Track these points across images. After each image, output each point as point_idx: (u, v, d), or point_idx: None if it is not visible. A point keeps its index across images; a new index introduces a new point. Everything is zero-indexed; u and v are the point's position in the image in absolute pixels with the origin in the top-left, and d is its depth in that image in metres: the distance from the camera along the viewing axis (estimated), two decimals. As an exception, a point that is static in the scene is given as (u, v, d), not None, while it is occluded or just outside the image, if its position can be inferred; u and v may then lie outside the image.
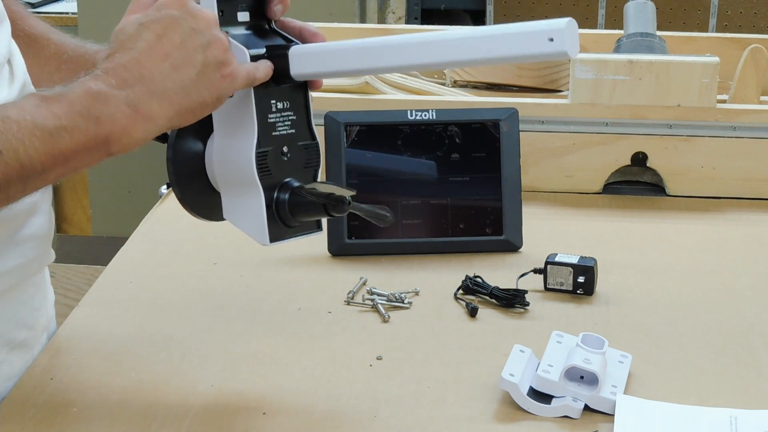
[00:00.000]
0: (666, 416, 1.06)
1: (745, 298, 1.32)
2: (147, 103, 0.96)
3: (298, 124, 1.08)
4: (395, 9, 3.63)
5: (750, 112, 1.59)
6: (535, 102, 1.61)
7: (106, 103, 0.94)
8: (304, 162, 1.09)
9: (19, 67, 1.13)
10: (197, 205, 1.10)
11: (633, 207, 1.59)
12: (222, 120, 1.06)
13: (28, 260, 1.14)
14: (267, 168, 1.05)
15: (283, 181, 1.07)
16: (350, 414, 1.07)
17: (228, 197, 1.08)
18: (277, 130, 1.07)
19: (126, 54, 0.96)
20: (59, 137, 0.93)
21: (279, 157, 1.07)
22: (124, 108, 0.95)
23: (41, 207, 1.16)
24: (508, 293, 1.29)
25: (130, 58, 0.96)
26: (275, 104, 1.07)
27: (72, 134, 0.93)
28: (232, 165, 1.06)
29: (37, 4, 3.45)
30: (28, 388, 1.10)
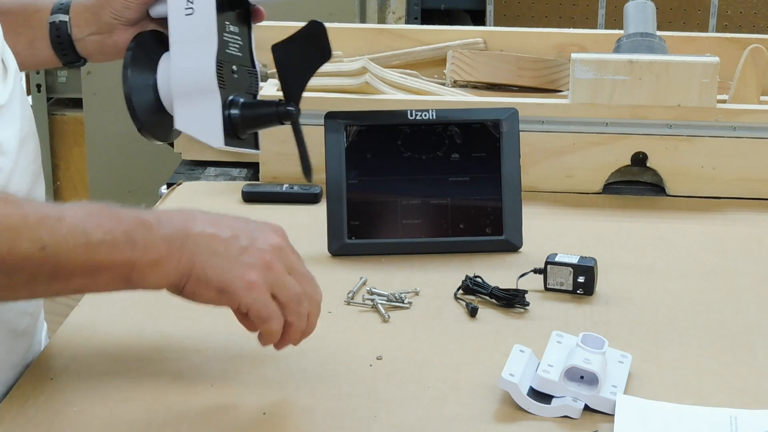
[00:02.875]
0: (666, 416, 1.06)
1: (745, 298, 1.32)
2: (179, 252, 1.00)
3: (243, 51, 1.17)
4: (395, 9, 3.63)
5: (750, 112, 1.59)
6: (535, 102, 1.61)
7: (149, 232, 0.99)
8: (247, 86, 1.17)
9: (10, 60, 1.14)
10: (156, 131, 1.17)
11: (633, 207, 1.59)
12: (180, 34, 1.12)
13: None
14: (222, 78, 1.12)
15: (231, 97, 1.14)
16: (350, 414, 1.07)
17: (182, 107, 1.13)
18: (229, 48, 1.14)
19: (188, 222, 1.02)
20: (98, 249, 0.97)
21: (230, 73, 1.14)
22: (161, 245, 0.99)
23: (35, 196, 1.17)
24: (508, 293, 1.29)
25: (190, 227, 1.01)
26: (228, 26, 1.15)
27: (109, 249, 0.98)
28: (190, 74, 1.12)
29: (37, 4, 3.45)
30: (28, 388, 1.10)
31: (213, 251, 1.01)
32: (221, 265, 1.01)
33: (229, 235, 1.02)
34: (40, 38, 1.26)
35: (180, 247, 1.00)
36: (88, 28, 1.25)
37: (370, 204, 1.42)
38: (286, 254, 1.05)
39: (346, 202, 1.41)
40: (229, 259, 1.01)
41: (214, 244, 1.01)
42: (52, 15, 1.26)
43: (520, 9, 3.68)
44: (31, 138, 1.17)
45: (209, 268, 1.00)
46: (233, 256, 1.01)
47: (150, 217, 1.00)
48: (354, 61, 1.70)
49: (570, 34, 1.86)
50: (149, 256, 0.99)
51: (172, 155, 1.76)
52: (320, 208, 1.49)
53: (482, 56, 1.81)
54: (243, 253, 1.01)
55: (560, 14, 3.64)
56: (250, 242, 1.02)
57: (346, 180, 1.42)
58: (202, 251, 1.00)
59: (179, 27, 1.12)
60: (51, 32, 1.26)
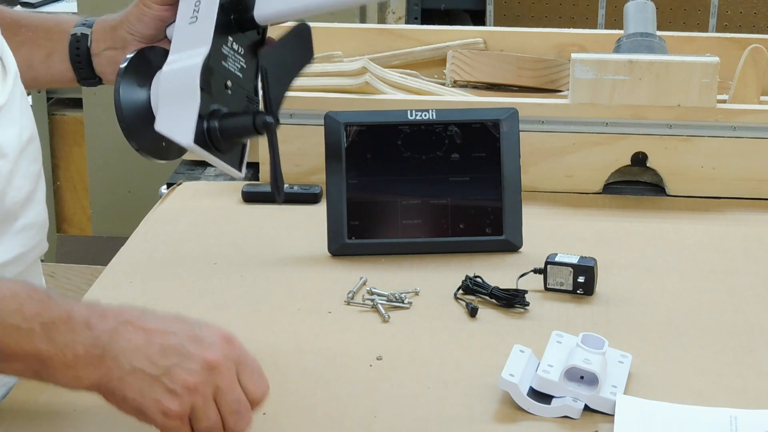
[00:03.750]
0: (666, 416, 1.06)
1: (745, 298, 1.32)
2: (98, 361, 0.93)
3: (246, 74, 1.13)
4: (395, 9, 3.63)
5: (750, 112, 1.59)
6: (535, 102, 1.61)
7: (71, 331, 0.93)
8: (243, 108, 1.13)
9: (9, 61, 1.14)
10: (154, 150, 1.13)
11: (633, 207, 1.59)
12: (180, 41, 1.10)
13: (28, 249, 1.16)
14: (209, 84, 1.08)
15: (215, 107, 1.09)
16: (350, 414, 1.07)
17: (164, 107, 1.09)
18: (227, 62, 1.11)
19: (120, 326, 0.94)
20: (10, 335, 0.92)
21: (222, 85, 1.10)
22: (79, 348, 0.93)
23: (36, 197, 1.17)
24: (508, 293, 1.29)
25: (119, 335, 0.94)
26: (232, 43, 1.11)
27: (20, 338, 0.92)
28: (177, 74, 1.08)
29: (37, 4, 3.45)
30: (28, 388, 1.10)
31: (133, 368, 0.93)
32: (138, 387, 0.93)
33: (157, 350, 0.93)
34: (59, 51, 1.25)
35: (99, 356, 0.93)
36: (105, 43, 1.24)
37: (370, 204, 1.42)
38: (220, 374, 0.94)
39: (346, 202, 1.41)
40: (149, 381, 0.93)
41: (138, 359, 0.93)
42: (74, 28, 1.25)
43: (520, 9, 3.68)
44: (33, 140, 1.17)
45: (127, 387, 0.93)
46: (154, 376, 0.93)
47: (81, 314, 0.93)
48: (354, 61, 1.70)
49: (570, 34, 1.86)
50: (63, 356, 0.92)
51: (172, 155, 1.76)
52: (320, 208, 1.49)
53: (482, 56, 1.81)
54: (166, 374, 0.93)
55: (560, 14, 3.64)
56: (178, 360, 0.93)
57: (346, 180, 1.42)
58: (121, 365, 0.93)
59: (180, 34, 1.10)
60: (71, 44, 1.25)
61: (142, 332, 0.94)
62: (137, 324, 0.94)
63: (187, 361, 0.93)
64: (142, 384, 0.93)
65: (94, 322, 0.93)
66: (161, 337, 0.94)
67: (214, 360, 0.94)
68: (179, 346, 0.94)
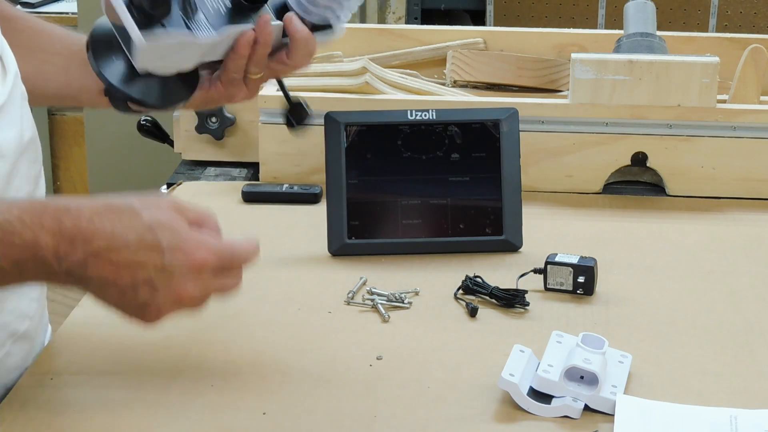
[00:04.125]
0: (666, 416, 1.06)
1: (745, 298, 1.32)
2: (75, 284, 0.96)
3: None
4: (395, 9, 3.63)
5: (750, 112, 1.59)
6: (535, 102, 1.61)
7: (41, 267, 0.94)
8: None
9: (9, 61, 1.14)
10: (142, 93, 1.10)
11: (633, 207, 1.59)
12: None
13: None
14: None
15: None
16: (350, 414, 1.07)
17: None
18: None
19: (98, 239, 0.94)
20: None
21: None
22: (53, 281, 0.96)
23: (36, 197, 1.16)
24: (508, 293, 1.29)
25: (94, 244, 0.94)
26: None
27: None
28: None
29: (37, 4, 3.45)
30: (28, 388, 1.10)
31: (107, 299, 0.96)
32: (118, 311, 0.97)
33: (128, 286, 0.94)
34: (76, 62, 1.22)
35: (74, 283, 0.96)
36: None
37: (370, 204, 1.42)
38: (192, 302, 0.98)
39: (346, 202, 1.41)
40: (125, 313, 0.97)
41: (110, 294, 0.95)
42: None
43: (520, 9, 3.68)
44: (33, 141, 1.16)
45: (107, 305, 0.97)
46: (129, 310, 0.96)
47: (48, 245, 0.93)
48: (354, 61, 1.70)
49: (570, 34, 1.86)
50: (39, 283, 0.99)
51: (172, 155, 1.76)
52: (320, 208, 1.49)
53: (482, 56, 1.81)
54: (139, 310, 0.96)
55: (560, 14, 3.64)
56: (150, 296, 0.95)
57: (346, 180, 1.42)
58: (96, 293, 0.96)
59: None
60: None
61: (111, 267, 0.94)
62: (105, 257, 0.94)
63: (158, 296, 0.95)
64: (119, 311, 0.96)
65: (63, 251, 0.93)
66: (130, 273, 0.94)
67: (184, 294, 0.96)
68: (149, 280, 0.94)
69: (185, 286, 0.96)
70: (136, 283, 0.94)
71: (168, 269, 0.95)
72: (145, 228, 0.94)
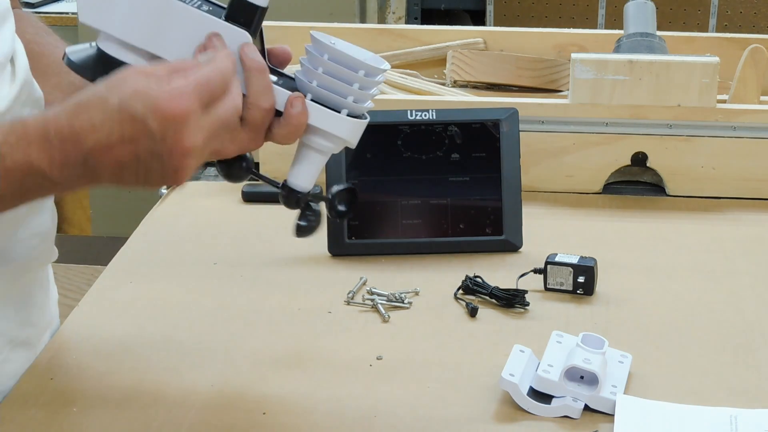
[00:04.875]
0: (666, 416, 1.06)
1: (745, 298, 1.32)
2: (78, 184, 0.94)
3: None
4: (395, 9, 3.63)
5: (750, 112, 1.59)
6: (535, 102, 1.61)
7: (41, 180, 0.93)
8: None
9: (21, 66, 1.12)
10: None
11: (633, 207, 1.59)
12: None
13: (31, 258, 1.14)
14: None
15: None
16: (350, 414, 1.07)
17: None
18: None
19: (85, 136, 0.92)
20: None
21: None
22: (58, 190, 0.95)
23: (43, 204, 1.16)
24: (508, 293, 1.29)
25: (86, 143, 0.92)
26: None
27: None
28: None
29: (37, 4, 3.45)
30: (28, 388, 1.10)
31: (125, 180, 0.93)
32: (142, 187, 0.95)
33: (132, 161, 0.92)
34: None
35: (85, 183, 0.94)
36: None
37: (370, 204, 1.42)
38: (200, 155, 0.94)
39: (346, 202, 1.41)
40: (148, 183, 0.94)
41: (123, 176, 0.93)
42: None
43: (520, 9, 3.69)
44: None
45: (129, 188, 0.95)
46: (151, 179, 0.93)
47: (42, 160, 0.91)
48: (354, 61, 1.70)
49: (570, 34, 1.86)
50: (41, 195, 0.97)
51: (172, 155, 1.76)
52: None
53: (482, 56, 1.81)
54: (161, 177, 0.93)
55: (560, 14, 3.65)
56: (158, 163, 0.92)
57: (346, 180, 1.42)
58: (111, 181, 0.94)
59: None
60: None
61: (109, 154, 0.91)
62: (99, 149, 0.91)
63: (165, 160, 0.92)
64: (142, 187, 0.94)
65: (59, 160, 0.91)
66: (129, 151, 0.91)
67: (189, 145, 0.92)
68: (148, 150, 0.91)
69: (184, 139, 0.91)
70: (138, 157, 0.91)
71: (157, 133, 0.91)
72: (117, 109, 0.91)
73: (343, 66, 1.01)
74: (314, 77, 1.01)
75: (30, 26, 1.21)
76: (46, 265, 1.21)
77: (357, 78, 1.01)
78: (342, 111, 1.02)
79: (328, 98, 1.02)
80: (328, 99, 1.02)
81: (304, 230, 1.09)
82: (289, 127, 1.00)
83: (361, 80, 1.01)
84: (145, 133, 0.91)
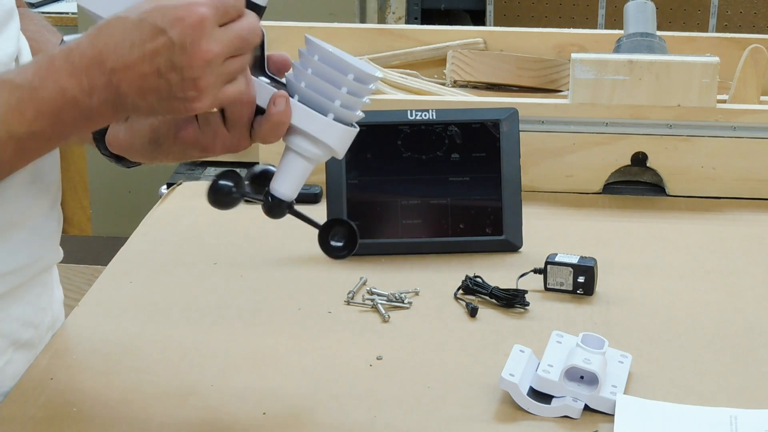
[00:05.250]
0: (666, 416, 1.06)
1: (745, 298, 1.32)
2: (107, 112, 0.95)
3: None
4: (395, 9, 3.63)
5: (750, 112, 1.59)
6: (535, 102, 1.61)
7: (75, 108, 0.94)
8: None
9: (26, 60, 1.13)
10: None
11: (633, 207, 1.59)
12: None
13: (35, 259, 1.14)
14: None
15: None
16: (350, 414, 1.07)
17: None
18: None
19: (108, 56, 0.93)
20: (28, 141, 0.95)
21: None
22: (86, 120, 0.95)
23: (49, 205, 1.16)
24: (508, 293, 1.29)
25: (108, 63, 0.93)
26: None
27: (37, 138, 0.95)
28: None
29: (37, 4, 3.45)
30: (28, 388, 1.10)
31: (149, 101, 0.94)
32: (167, 109, 0.95)
33: (153, 75, 0.93)
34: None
35: (112, 108, 0.95)
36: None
37: (370, 204, 1.42)
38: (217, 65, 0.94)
39: (346, 202, 1.41)
40: (173, 105, 0.95)
41: (148, 97, 0.94)
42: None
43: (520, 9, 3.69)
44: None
45: (154, 112, 0.97)
46: (175, 100, 0.94)
47: (72, 86, 0.93)
48: (354, 61, 1.70)
49: (570, 34, 1.86)
50: (79, 129, 0.97)
51: (172, 155, 1.76)
52: (320, 208, 1.48)
53: (482, 56, 1.81)
54: (184, 93, 0.94)
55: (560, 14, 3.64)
56: (179, 75, 0.93)
57: (346, 180, 1.42)
58: (137, 105, 0.95)
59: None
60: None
61: (131, 72, 0.93)
62: (121, 67, 0.93)
63: (185, 71, 0.93)
64: (168, 109, 0.95)
65: (87, 85, 0.93)
66: (149, 65, 0.93)
67: (207, 54, 0.93)
68: (169, 62, 0.92)
69: (201, 47, 0.92)
70: (159, 71, 0.92)
71: (177, 43, 0.92)
72: (136, 23, 0.93)
73: (332, 68, 1.00)
74: (303, 78, 1.01)
75: (32, 24, 1.21)
76: (50, 267, 1.21)
77: (346, 81, 1.00)
78: (328, 114, 1.01)
79: (315, 100, 1.01)
80: (314, 101, 1.01)
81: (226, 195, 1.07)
82: (270, 124, 1.00)
83: (350, 84, 1.00)
84: (165, 44, 0.92)
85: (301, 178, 1.05)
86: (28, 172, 1.10)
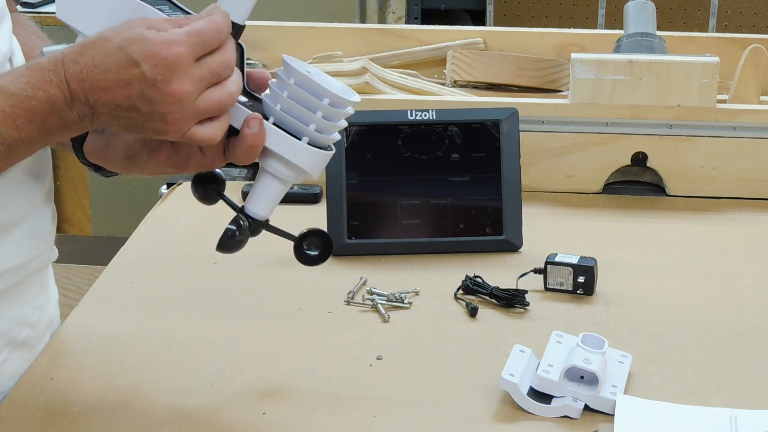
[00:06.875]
0: (666, 416, 1.06)
1: (745, 298, 1.32)
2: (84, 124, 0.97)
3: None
4: (395, 9, 3.63)
5: (750, 112, 1.59)
6: (535, 102, 1.61)
7: (59, 118, 0.96)
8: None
9: (19, 62, 1.13)
10: None
11: (633, 207, 1.59)
12: None
13: (30, 258, 1.14)
14: None
15: None
16: (350, 414, 1.07)
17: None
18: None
19: (87, 74, 0.95)
20: (16, 147, 0.97)
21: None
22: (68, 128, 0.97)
23: (42, 204, 1.16)
24: (508, 293, 1.29)
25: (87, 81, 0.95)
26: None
27: (25, 144, 0.97)
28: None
29: (37, 4, 3.45)
30: (28, 388, 1.10)
31: (121, 122, 0.96)
32: (138, 132, 0.97)
33: (125, 102, 0.95)
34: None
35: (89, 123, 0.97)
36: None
37: (370, 204, 1.43)
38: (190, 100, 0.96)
39: (346, 202, 1.41)
40: (144, 129, 0.96)
41: (120, 117, 0.96)
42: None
43: (520, 9, 3.68)
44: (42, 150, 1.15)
45: (126, 131, 0.99)
46: (147, 125, 0.96)
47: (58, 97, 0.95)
48: (354, 61, 1.70)
49: (570, 34, 1.86)
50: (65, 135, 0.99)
51: (172, 155, 1.76)
52: (320, 208, 1.49)
53: (482, 56, 1.81)
54: (154, 124, 0.96)
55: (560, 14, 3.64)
56: (149, 107, 0.95)
57: (346, 180, 1.42)
58: (110, 123, 0.97)
59: None
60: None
61: (106, 94, 0.95)
62: (97, 87, 0.95)
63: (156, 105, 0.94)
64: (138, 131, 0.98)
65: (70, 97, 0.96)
66: (122, 93, 0.95)
67: (178, 92, 0.94)
68: (140, 94, 0.94)
69: (172, 86, 0.94)
70: (131, 100, 0.95)
71: (149, 78, 0.94)
72: (116, 49, 0.95)
73: (308, 92, 1.00)
74: (279, 100, 1.00)
75: (22, 29, 1.22)
76: (46, 266, 1.21)
77: (321, 106, 1.00)
78: (303, 138, 1.01)
79: (290, 123, 1.00)
80: (289, 124, 1.01)
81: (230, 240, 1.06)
82: (244, 147, 1.00)
83: (326, 109, 1.00)
84: (137, 77, 0.94)
85: (275, 199, 1.05)
86: (22, 170, 1.10)
